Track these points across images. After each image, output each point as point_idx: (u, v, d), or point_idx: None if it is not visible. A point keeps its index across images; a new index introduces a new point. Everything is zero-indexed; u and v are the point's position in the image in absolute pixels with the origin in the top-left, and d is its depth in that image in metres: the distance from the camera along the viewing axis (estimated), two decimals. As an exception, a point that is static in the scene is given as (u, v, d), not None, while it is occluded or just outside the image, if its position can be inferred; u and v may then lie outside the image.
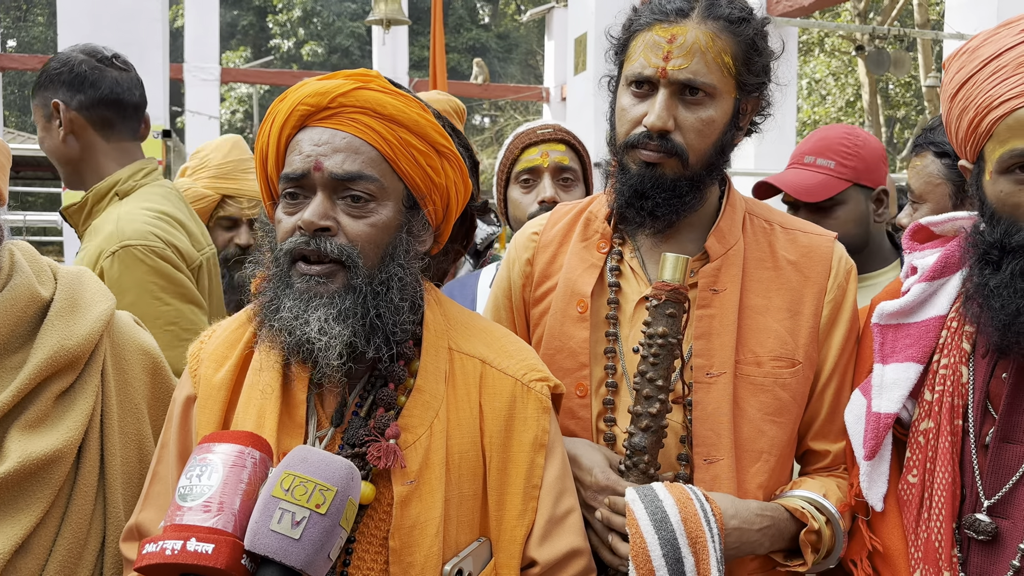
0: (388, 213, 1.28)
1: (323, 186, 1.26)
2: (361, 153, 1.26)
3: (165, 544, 1.07)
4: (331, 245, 1.24)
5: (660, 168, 1.47)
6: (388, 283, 1.27)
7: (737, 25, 1.45)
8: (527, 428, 1.33)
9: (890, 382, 1.44)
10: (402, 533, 1.24)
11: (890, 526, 1.43)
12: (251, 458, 1.16)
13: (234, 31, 23.60)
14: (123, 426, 1.47)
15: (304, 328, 1.23)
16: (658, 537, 1.30)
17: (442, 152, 1.32)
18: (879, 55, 9.98)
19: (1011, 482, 1.31)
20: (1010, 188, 1.32)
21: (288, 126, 1.30)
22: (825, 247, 1.57)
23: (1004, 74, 1.31)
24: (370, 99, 1.27)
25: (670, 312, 1.41)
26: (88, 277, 1.51)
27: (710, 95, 1.45)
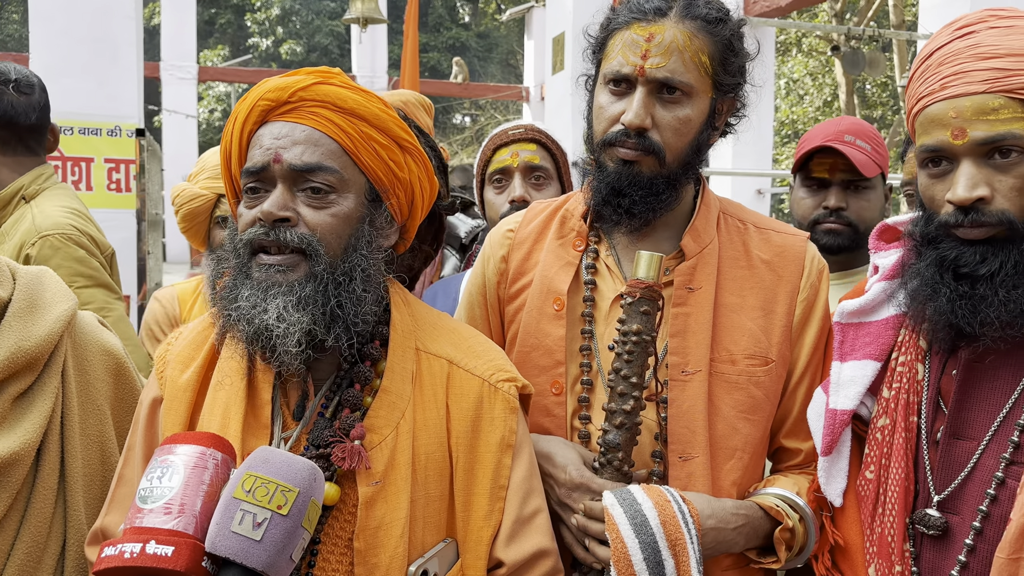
0: (349, 204, 1.28)
1: (283, 178, 1.26)
2: (320, 145, 1.27)
3: (124, 547, 1.06)
4: (291, 235, 1.24)
5: (637, 166, 1.48)
6: (350, 273, 1.27)
7: (714, 25, 1.47)
8: (494, 428, 1.33)
9: (847, 379, 1.45)
10: (367, 534, 1.23)
11: (849, 521, 1.45)
12: (213, 459, 1.15)
13: (212, 29, 23.42)
14: (84, 428, 1.45)
15: (262, 316, 1.22)
16: (639, 541, 1.31)
17: (405, 147, 1.33)
18: (854, 55, 10.06)
19: (959, 478, 1.33)
20: (926, 181, 1.36)
21: (250, 122, 1.30)
22: (798, 247, 1.58)
23: (928, 71, 1.35)
24: (330, 93, 1.28)
25: (644, 310, 1.41)
26: (48, 277, 1.49)
27: (687, 94, 1.46)
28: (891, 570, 1.36)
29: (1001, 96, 1.26)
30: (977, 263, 1.28)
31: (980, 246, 1.29)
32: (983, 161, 1.29)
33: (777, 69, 17.88)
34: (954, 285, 1.30)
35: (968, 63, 1.30)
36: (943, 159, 1.33)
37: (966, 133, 1.28)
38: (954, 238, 1.32)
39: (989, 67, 1.28)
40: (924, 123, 1.34)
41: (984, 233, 1.29)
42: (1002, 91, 1.26)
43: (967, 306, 1.28)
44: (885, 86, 18.67)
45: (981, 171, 1.29)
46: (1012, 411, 1.31)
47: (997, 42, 1.29)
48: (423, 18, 20.92)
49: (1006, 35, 1.29)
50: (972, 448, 1.32)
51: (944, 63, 1.33)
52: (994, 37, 1.30)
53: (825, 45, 16.89)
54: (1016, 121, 1.26)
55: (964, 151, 1.29)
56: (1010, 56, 1.27)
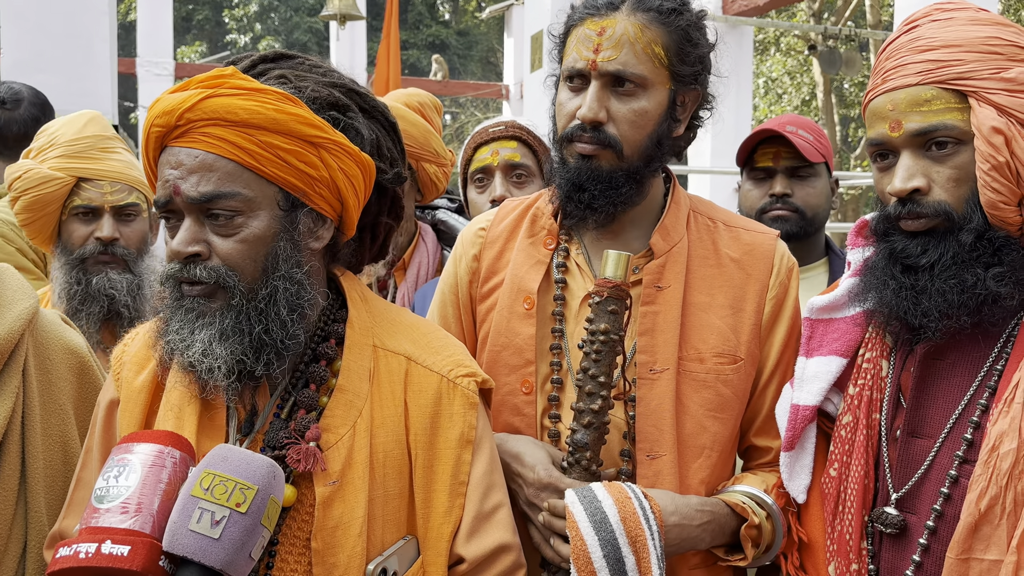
0: (261, 224, 1.23)
1: (187, 210, 1.22)
2: (215, 170, 1.20)
3: (79, 547, 1.05)
4: (203, 271, 1.21)
5: (596, 160, 1.49)
6: (272, 297, 1.23)
7: (668, 16, 1.47)
8: (453, 424, 1.33)
9: (811, 375, 1.46)
10: (324, 534, 1.23)
11: (813, 519, 1.45)
12: (171, 458, 1.14)
13: (189, 26, 23.21)
14: (46, 427, 1.44)
15: (188, 352, 1.21)
16: (598, 538, 1.31)
17: (316, 143, 1.24)
18: (831, 55, 10.14)
19: (916, 476, 1.33)
20: (877, 175, 1.38)
21: (151, 149, 1.26)
22: (768, 245, 1.59)
23: (877, 67, 1.37)
24: (218, 108, 1.20)
25: (612, 309, 1.42)
26: (8, 274, 1.47)
27: (641, 86, 1.47)
28: (848, 568, 1.36)
29: (933, 87, 1.28)
30: (918, 255, 1.30)
31: (921, 237, 1.30)
32: (921, 152, 1.30)
33: (755, 68, 17.98)
34: (900, 277, 1.32)
35: (907, 56, 1.31)
36: (887, 152, 1.35)
37: (901, 125, 1.30)
38: (900, 231, 1.33)
39: (924, 59, 1.29)
40: (869, 117, 1.36)
41: (923, 224, 1.30)
42: (934, 82, 1.28)
43: (910, 297, 1.29)
44: (862, 85, 18.80)
45: (918, 162, 1.30)
46: (967, 408, 1.31)
47: (934, 35, 1.30)
48: (403, 15, 20.85)
49: (944, 27, 1.31)
50: (928, 446, 1.33)
51: (889, 57, 1.35)
52: (932, 30, 1.31)
53: (803, 44, 17.00)
54: (948, 112, 1.27)
55: (901, 143, 1.31)
56: (945, 47, 1.29)
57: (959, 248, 1.27)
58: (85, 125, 2.16)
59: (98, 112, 2.25)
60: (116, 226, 2.10)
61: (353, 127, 1.31)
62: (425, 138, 2.36)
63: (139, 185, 2.16)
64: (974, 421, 1.29)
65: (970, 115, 1.26)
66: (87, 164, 2.10)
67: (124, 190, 2.11)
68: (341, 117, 1.30)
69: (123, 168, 2.14)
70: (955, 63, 1.27)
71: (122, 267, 2.11)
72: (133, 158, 2.22)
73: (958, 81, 1.27)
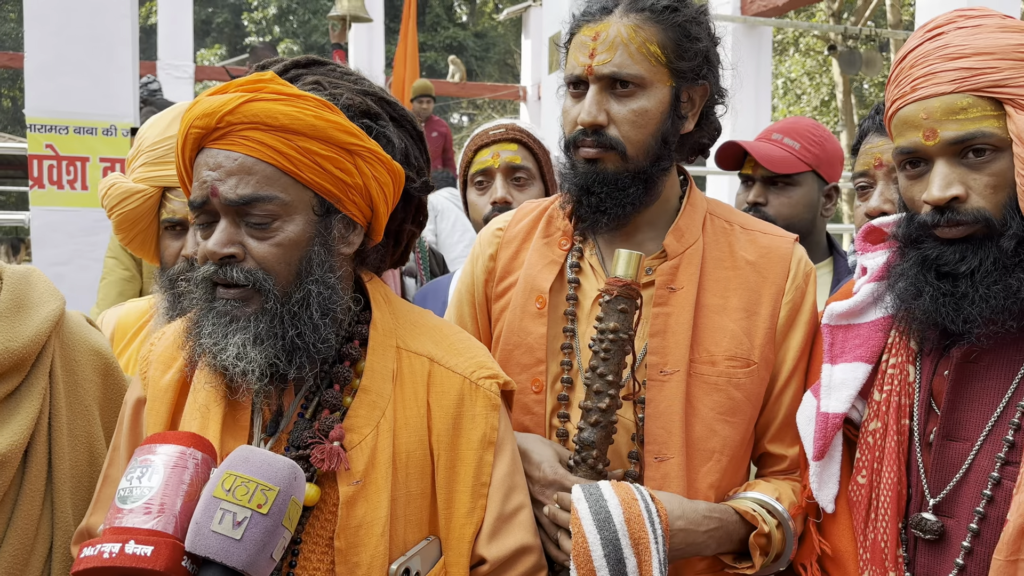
0: (296, 228, 1.24)
1: (224, 212, 1.23)
2: (254, 173, 1.21)
3: (103, 547, 1.06)
4: (238, 273, 1.22)
5: (601, 163, 1.50)
6: (305, 301, 1.24)
7: (662, 14, 1.47)
8: (475, 426, 1.33)
9: (838, 382, 1.44)
10: (348, 533, 1.23)
11: (841, 528, 1.43)
12: (193, 459, 1.15)
13: (209, 28, 23.39)
14: (72, 428, 1.45)
15: (222, 354, 1.22)
16: (600, 537, 1.30)
17: (352, 150, 1.26)
18: (851, 55, 10.07)
19: (954, 480, 1.32)
20: (905, 183, 1.37)
21: (187, 149, 1.27)
22: (785, 248, 1.58)
23: (901, 74, 1.36)
24: (259, 112, 1.21)
25: (622, 308, 1.41)
26: (36, 277, 1.49)
27: (640, 86, 1.47)
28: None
29: (969, 95, 1.27)
30: (957, 261, 1.29)
31: (959, 244, 1.30)
32: (957, 160, 1.30)
33: (774, 69, 17.88)
34: (937, 284, 1.31)
35: (937, 64, 1.31)
36: (919, 160, 1.34)
37: (937, 134, 1.29)
38: (934, 238, 1.32)
39: (956, 67, 1.29)
40: (898, 125, 1.35)
41: (962, 232, 1.29)
42: (969, 90, 1.27)
43: (950, 304, 1.29)
44: (883, 85, 18.66)
45: (955, 170, 1.29)
46: (1006, 410, 1.30)
47: (964, 42, 1.30)
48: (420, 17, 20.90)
49: (973, 35, 1.30)
50: (966, 449, 1.32)
51: (915, 65, 1.34)
52: (961, 37, 1.31)
53: (822, 45, 16.90)
54: (985, 119, 1.27)
55: (937, 151, 1.30)
56: (976, 55, 1.28)
57: (1000, 254, 1.27)
58: (171, 123, 1.86)
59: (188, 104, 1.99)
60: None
61: (385, 135, 1.32)
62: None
63: None
64: (1015, 423, 1.28)
65: (1007, 122, 1.26)
66: (171, 170, 1.78)
67: None
68: (374, 125, 1.31)
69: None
70: (989, 71, 1.27)
71: None
72: None
73: (994, 89, 1.26)
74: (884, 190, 1.97)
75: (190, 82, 13.77)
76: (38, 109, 5.49)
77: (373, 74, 5.37)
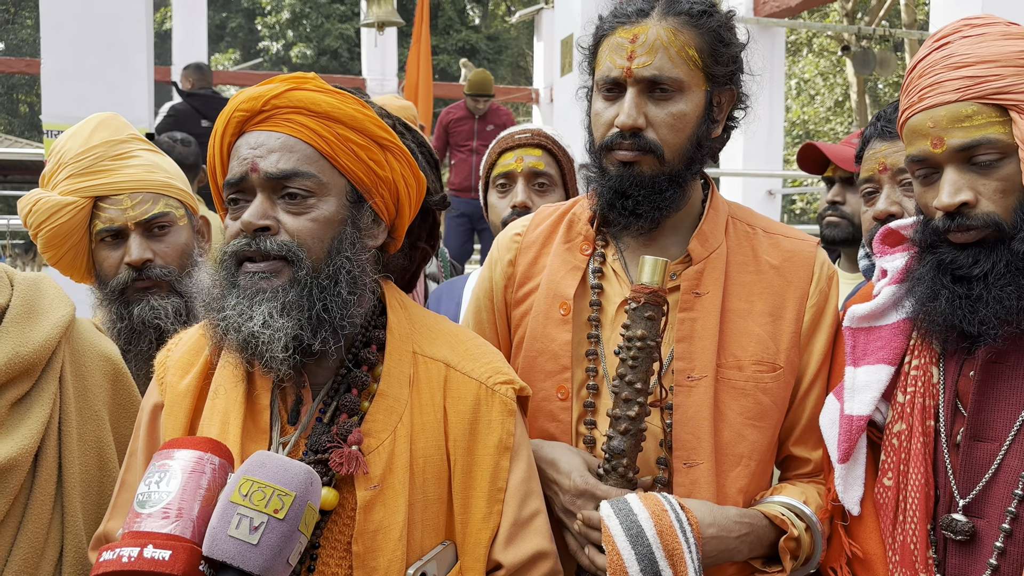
0: (330, 208, 1.28)
1: (261, 187, 1.27)
2: (296, 151, 1.27)
3: (122, 551, 1.07)
4: (272, 243, 1.25)
5: (638, 167, 1.48)
6: (335, 276, 1.27)
7: (699, 18, 1.47)
8: (491, 431, 1.33)
9: (862, 384, 1.44)
10: (365, 538, 1.24)
11: (868, 530, 1.43)
12: (210, 464, 1.15)
13: (223, 33, 23.54)
14: (82, 433, 1.46)
15: (248, 324, 1.23)
16: (635, 552, 1.30)
17: (384, 145, 1.32)
18: (865, 55, 10.01)
19: (983, 480, 1.32)
20: (919, 190, 1.40)
21: (228, 134, 1.31)
22: (808, 252, 1.57)
23: (911, 84, 1.39)
24: (303, 99, 1.28)
25: (648, 315, 1.40)
26: (46, 284, 1.50)
27: (678, 89, 1.46)
28: None
29: (973, 103, 1.30)
30: (970, 265, 1.31)
31: (972, 248, 1.32)
32: (965, 166, 1.32)
33: (788, 69, 17.81)
34: (952, 287, 1.33)
35: (942, 73, 1.34)
36: (929, 168, 1.36)
37: (944, 141, 1.32)
38: (948, 242, 1.34)
39: (961, 76, 1.32)
40: (908, 134, 1.38)
41: (974, 236, 1.32)
42: (974, 98, 1.30)
43: (966, 306, 1.31)
44: (897, 85, 18.57)
45: (964, 176, 1.32)
46: None
47: (968, 51, 1.32)
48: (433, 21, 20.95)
49: (977, 43, 1.33)
50: (994, 449, 1.32)
51: (923, 75, 1.37)
52: (966, 47, 1.33)
53: (836, 45, 16.81)
54: (991, 126, 1.29)
55: (945, 158, 1.33)
56: (980, 63, 1.31)
57: (1012, 256, 1.29)
58: (92, 133, 1.83)
59: (110, 113, 1.92)
60: (147, 244, 1.81)
61: (409, 147, 1.37)
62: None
63: (166, 190, 1.85)
64: None
65: (1012, 128, 1.28)
66: (100, 179, 1.79)
67: (148, 200, 1.81)
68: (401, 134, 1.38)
69: (142, 174, 1.83)
70: (993, 78, 1.29)
71: (165, 290, 1.80)
72: (159, 158, 1.91)
73: (998, 96, 1.29)
74: (890, 193, 1.99)
75: (204, 87, 13.84)
76: (55, 115, 5.54)
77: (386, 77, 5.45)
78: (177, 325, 1.75)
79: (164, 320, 1.77)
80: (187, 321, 1.78)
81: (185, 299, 1.82)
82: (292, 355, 1.24)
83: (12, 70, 13.34)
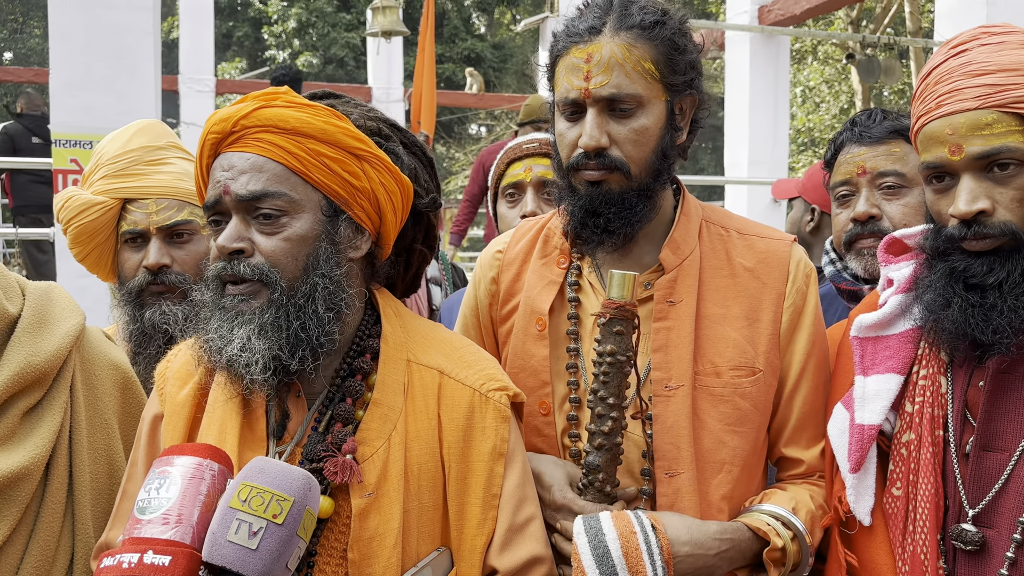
0: (304, 225, 1.29)
1: (235, 209, 1.28)
2: (265, 171, 1.28)
3: (122, 557, 1.08)
4: (246, 267, 1.27)
5: (606, 184, 1.48)
6: (311, 294, 1.28)
7: (651, 30, 1.45)
8: (486, 438, 1.34)
9: (872, 394, 1.44)
10: (361, 545, 1.25)
11: (877, 540, 1.43)
12: (210, 470, 1.17)
13: (230, 42, 23.64)
14: (92, 442, 1.47)
15: (228, 347, 1.25)
16: (599, 572, 1.30)
17: (359, 155, 1.32)
18: (870, 63, 10.00)
19: (993, 490, 1.32)
20: (931, 197, 1.39)
21: (204, 156, 1.33)
22: (782, 252, 1.56)
23: (926, 91, 1.38)
24: (271, 116, 1.29)
25: (617, 330, 1.40)
26: (57, 293, 1.52)
27: (638, 104, 1.46)
28: None
29: (993, 111, 1.29)
30: (985, 273, 1.30)
31: (987, 257, 1.31)
32: (982, 175, 1.31)
33: (793, 77, 17.82)
34: (965, 295, 1.32)
35: (961, 80, 1.33)
36: (944, 174, 1.35)
37: (962, 149, 1.31)
38: (961, 250, 1.34)
39: (981, 83, 1.31)
40: (924, 141, 1.37)
41: (989, 244, 1.31)
42: (994, 106, 1.29)
43: (979, 315, 1.30)
44: (902, 93, 18.55)
45: (981, 184, 1.31)
46: None
47: (988, 59, 1.32)
48: (438, 29, 21.03)
49: (996, 51, 1.32)
50: (1004, 460, 1.32)
51: (940, 82, 1.35)
52: (985, 54, 1.32)
53: (841, 52, 16.82)
54: (1011, 134, 1.29)
55: (962, 166, 1.32)
56: (1001, 72, 1.30)
57: None
58: (131, 137, 1.90)
59: (155, 120, 2.01)
60: (166, 250, 1.85)
61: (393, 152, 1.38)
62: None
63: (193, 198, 1.89)
64: None
65: None
66: (131, 182, 1.85)
67: (172, 207, 1.86)
68: (383, 143, 1.37)
69: (171, 181, 1.88)
70: (1013, 87, 1.29)
71: (178, 296, 1.82)
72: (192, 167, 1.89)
73: (1018, 105, 1.28)
74: (869, 196, 1.99)
75: (211, 95, 13.91)
76: (63, 124, 5.59)
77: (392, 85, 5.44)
78: (186, 332, 1.74)
79: (173, 326, 1.80)
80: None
81: (197, 307, 1.84)
82: (273, 375, 1.26)
83: (20, 79, 13.42)
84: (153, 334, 1.81)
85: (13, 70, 13.48)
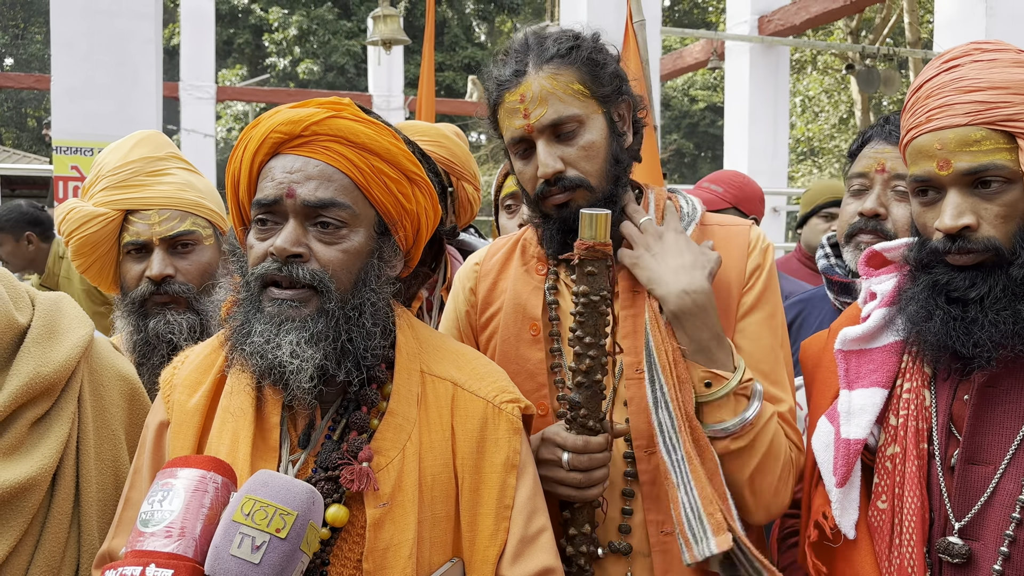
0: (360, 239, 1.30)
1: (295, 213, 1.28)
2: (334, 181, 1.28)
3: (124, 570, 1.08)
4: (303, 271, 1.26)
5: (573, 203, 1.56)
6: (360, 308, 1.29)
7: (569, 55, 1.55)
8: (498, 449, 1.34)
9: (857, 408, 1.45)
10: (375, 555, 1.24)
11: (862, 554, 1.43)
12: (213, 483, 1.16)
13: (230, 49, 23.69)
14: (99, 452, 1.46)
15: (276, 352, 1.24)
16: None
17: (413, 179, 1.35)
18: (869, 74, 10.05)
19: (979, 503, 1.33)
20: (918, 209, 1.40)
21: (261, 153, 1.31)
22: (742, 232, 1.65)
23: (917, 104, 1.39)
24: (343, 128, 1.29)
25: (589, 271, 1.45)
26: (66, 303, 1.51)
27: (579, 123, 1.54)
28: None
29: (983, 128, 1.30)
30: (967, 288, 1.32)
31: (970, 271, 1.32)
32: (969, 190, 1.33)
33: (792, 87, 17.87)
34: (947, 308, 1.33)
35: (952, 96, 1.34)
36: (931, 188, 1.37)
37: (951, 164, 1.32)
38: (945, 264, 1.35)
39: (971, 100, 1.32)
40: (912, 154, 1.38)
41: (972, 259, 1.32)
42: (984, 123, 1.30)
43: (960, 328, 1.31)
44: (901, 103, 18.61)
45: (967, 200, 1.32)
46: None
47: (979, 76, 1.33)
48: (439, 37, 21.09)
49: (988, 69, 1.33)
50: (989, 473, 1.33)
51: (931, 96, 1.37)
52: (976, 71, 1.33)
53: (840, 62, 16.88)
54: (998, 152, 1.30)
55: (950, 181, 1.33)
56: (991, 89, 1.31)
57: (1009, 281, 1.30)
58: (132, 148, 1.91)
59: (155, 131, 2.00)
60: (169, 260, 1.85)
61: (428, 177, 1.39)
62: (467, 158, 2.44)
63: (195, 208, 1.90)
64: None
65: (1018, 155, 1.29)
66: (132, 193, 1.85)
67: (175, 217, 1.86)
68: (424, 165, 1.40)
69: (173, 192, 1.88)
70: (1003, 105, 1.30)
71: (183, 306, 1.84)
72: (194, 178, 1.96)
73: (1007, 123, 1.29)
74: (881, 194, 2.01)
75: (211, 102, 13.95)
76: (64, 132, 5.60)
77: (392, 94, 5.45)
78: (190, 341, 1.77)
79: (177, 335, 1.80)
80: (200, 338, 1.80)
81: (201, 317, 1.85)
82: (316, 385, 1.26)
83: (22, 85, 13.45)
84: (157, 344, 1.81)
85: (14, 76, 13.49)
